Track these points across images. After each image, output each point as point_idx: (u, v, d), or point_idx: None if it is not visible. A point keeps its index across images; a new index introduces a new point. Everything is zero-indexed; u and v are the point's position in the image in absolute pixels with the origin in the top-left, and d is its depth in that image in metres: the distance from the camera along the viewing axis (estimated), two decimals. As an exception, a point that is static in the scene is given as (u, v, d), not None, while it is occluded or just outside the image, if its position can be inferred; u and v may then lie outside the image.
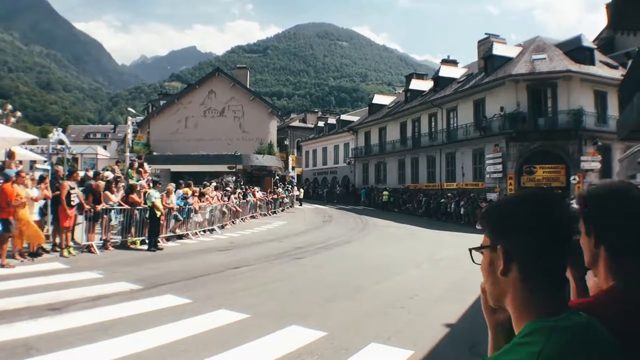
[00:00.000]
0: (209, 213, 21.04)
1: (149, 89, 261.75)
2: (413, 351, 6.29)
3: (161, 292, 9.24)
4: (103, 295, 8.75)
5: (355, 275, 12.09)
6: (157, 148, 41.93)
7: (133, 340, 6.31)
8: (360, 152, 54.83)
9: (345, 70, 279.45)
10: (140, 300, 8.50)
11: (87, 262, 12.34)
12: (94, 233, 14.12)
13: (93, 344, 6.08)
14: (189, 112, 46.77)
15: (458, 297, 9.72)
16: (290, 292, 9.89)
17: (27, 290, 8.93)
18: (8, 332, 6.43)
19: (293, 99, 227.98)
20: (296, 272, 12.53)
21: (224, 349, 6.06)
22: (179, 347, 6.14)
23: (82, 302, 8.20)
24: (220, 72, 50.21)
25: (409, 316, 8.23)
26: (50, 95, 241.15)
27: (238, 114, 46.57)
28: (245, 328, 7.08)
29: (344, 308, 8.66)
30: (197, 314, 7.72)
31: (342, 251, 16.95)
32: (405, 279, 11.95)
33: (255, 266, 12.81)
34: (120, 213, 14.98)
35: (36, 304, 7.94)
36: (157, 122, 47.52)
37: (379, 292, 10.19)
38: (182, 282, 10.27)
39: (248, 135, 45.62)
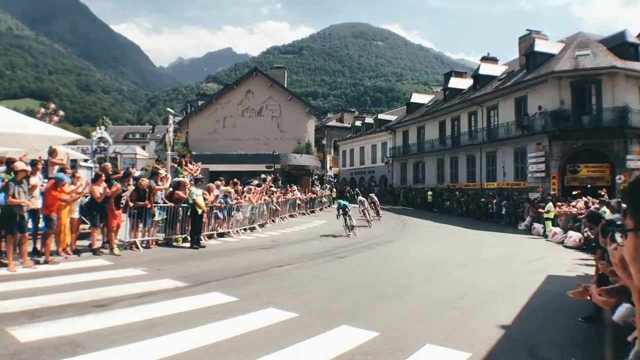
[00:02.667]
0: (250, 211, 21.03)
1: (186, 90, 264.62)
2: (470, 353, 6.09)
3: (207, 289, 9.16)
4: (148, 292, 8.71)
5: (401, 275, 11.89)
6: (196, 148, 42.16)
7: (181, 338, 6.23)
8: (398, 151, 54.42)
9: (381, 70, 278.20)
10: (186, 298, 8.44)
11: (131, 259, 12.36)
12: (137, 230, 14.20)
13: (140, 342, 6.01)
14: (227, 112, 46.96)
15: (509, 297, 9.49)
16: (337, 291, 9.72)
17: (72, 286, 8.94)
18: (54, 328, 6.41)
19: (328, 99, 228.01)
20: (340, 271, 12.38)
21: (275, 349, 5.94)
22: (228, 346, 6.03)
23: (127, 299, 8.17)
24: (258, 72, 50.31)
25: (461, 317, 8.00)
26: (90, 97, 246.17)
27: (276, 113, 46.61)
28: (295, 327, 6.96)
29: (394, 308, 8.48)
30: (245, 312, 7.62)
31: (385, 251, 16.74)
32: (452, 279, 11.69)
33: (298, 265, 12.70)
34: (164, 210, 15.02)
35: (81, 301, 7.93)
36: (196, 122, 47.85)
37: (427, 292, 9.97)
38: (227, 279, 10.19)
39: (286, 135, 45.62)
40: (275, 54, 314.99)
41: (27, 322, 6.66)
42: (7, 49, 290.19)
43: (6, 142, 14.52)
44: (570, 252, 18.18)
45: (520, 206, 29.97)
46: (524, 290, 10.12)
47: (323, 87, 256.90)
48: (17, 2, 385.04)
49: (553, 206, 24.04)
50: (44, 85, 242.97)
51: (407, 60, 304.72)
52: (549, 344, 6.76)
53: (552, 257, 16.44)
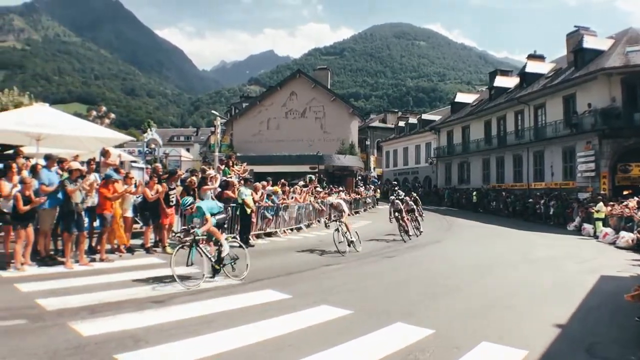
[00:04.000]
0: (296, 211, 21.18)
1: (229, 93, 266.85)
2: (527, 351, 6.05)
3: (260, 287, 9.31)
4: (202, 289, 8.91)
5: (451, 274, 11.83)
6: (240, 149, 42.55)
7: (238, 333, 6.37)
8: (442, 151, 53.91)
9: (423, 70, 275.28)
10: (240, 295, 8.62)
11: (183, 258, 12.55)
12: (189, 229, 14.44)
13: (198, 337, 6.18)
14: (271, 114, 47.31)
15: (563, 297, 9.35)
16: (389, 289, 9.76)
17: (128, 283, 9.26)
18: (115, 323, 6.64)
19: (370, 100, 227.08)
20: (389, 270, 12.42)
21: (331, 345, 6.01)
22: (284, 342, 6.14)
23: (183, 296, 8.41)
24: (302, 73, 50.57)
25: (516, 315, 7.95)
26: (135, 101, 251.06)
27: (319, 114, 46.73)
28: (349, 324, 7.02)
29: (447, 306, 8.46)
30: (299, 309, 7.73)
31: (433, 250, 16.68)
32: (504, 278, 11.59)
33: (347, 264, 12.75)
34: (214, 209, 15.24)
35: (139, 297, 8.20)
36: (240, 124, 48.33)
37: (480, 290, 9.92)
38: (279, 277, 10.32)
39: (329, 136, 45.69)
40: (317, 55, 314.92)
41: (88, 317, 6.93)
42: (55, 55, 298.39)
43: (61, 144, 15.00)
44: (622, 253, 17.76)
45: (569, 206, 29.37)
46: (578, 290, 9.95)
47: (365, 88, 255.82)
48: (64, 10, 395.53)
49: (604, 206, 23.52)
50: (90, 89, 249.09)
51: (450, 59, 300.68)
52: (607, 343, 6.68)
53: (605, 258, 16.10)
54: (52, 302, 7.60)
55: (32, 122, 13.26)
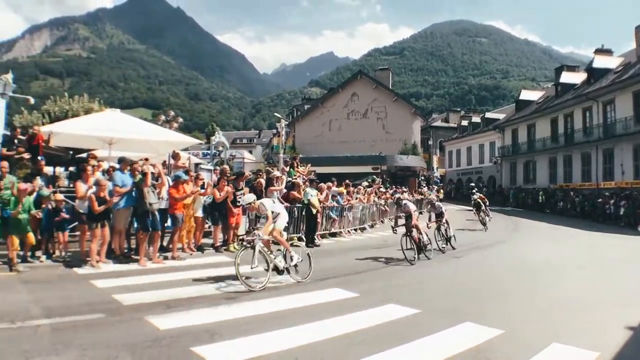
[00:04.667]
0: (360, 212, 21.25)
1: (290, 95, 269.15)
2: (599, 352, 5.91)
3: (327, 285, 9.43)
4: (272, 287, 9.10)
5: (519, 275, 11.67)
6: (303, 150, 42.93)
7: (308, 330, 6.50)
8: (507, 150, 52.87)
9: (485, 68, 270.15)
10: (308, 293, 8.75)
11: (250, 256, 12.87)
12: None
13: (271, 332, 6.33)
14: (333, 115, 47.57)
15: (635, 300, 9.06)
16: (456, 289, 9.71)
17: (201, 280, 9.59)
18: (189, 318, 6.91)
19: (432, 100, 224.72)
20: (456, 270, 12.37)
21: (400, 343, 6.03)
22: (353, 340, 6.20)
23: (253, 293, 8.61)
24: (363, 74, 50.67)
25: (586, 317, 7.75)
26: (198, 105, 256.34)
27: (381, 115, 46.71)
28: (418, 323, 7.04)
29: (516, 306, 8.37)
30: (367, 307, 7.78)
31: (498, 251, 16.45)
32: (573, 279, 11.30)
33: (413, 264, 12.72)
34: (281, 210, 15.52)
35: (212, 293, 8.51)
36: (302, 126, 48.79)
37: (548, 291, 9.70)
38: (346, 276, 10.40)
39: (391, 136, 45.60)
40: (377, 56, 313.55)
41: (163, 311, 7.23)
42: (120, 62, 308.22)
43: (131, 147, 15.56)
44: (701, 255, 17.05)
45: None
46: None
47: (426, 87, 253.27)
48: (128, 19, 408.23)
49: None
50: (155, 95, 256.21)
51: (513, 56, 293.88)
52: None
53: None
54: (128, 297, 7.95)
55: (105, 127, 13.89)
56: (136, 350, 5.57)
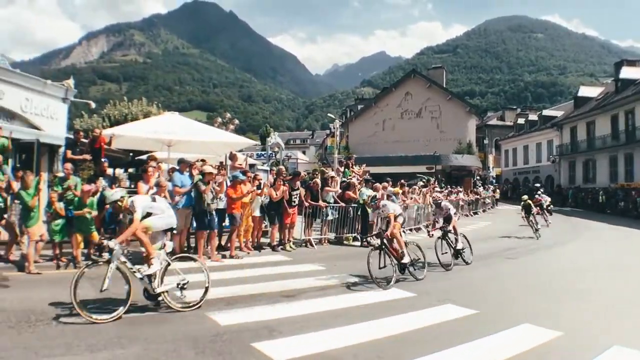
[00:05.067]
0: (415, 212, 21.08)
1: (342, 95, 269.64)
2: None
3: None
4: (329, 285, 9.22)
5: (578, 276, 11.37)
6: (356, 151, 42.86)
7: (364, 329, 6.53)
8: (565, 149, 51.53)
9: (542, 64, 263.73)
10: (365, 292, 8.83)
11: (307, 256, 13.14)
12: (311, 229, 15.00)
13: (329, 329, 6.43)
14: (386, 115, 47.41)
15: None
16: (514, 290, 9.58)
17: (259, 278, 9.76)
18: (249, 314, 7.11)
19: (486, 98, 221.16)
20: (513, 271, 12.21)
21: (458, 343, 6.02)
22: (410, 338, 6.24)
23: (311, 291, 8.76)
24: (416, 73, 50.41)
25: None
26: (252, 107, 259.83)
27: (435, 114, 46.31)
28: (475, 324, 6.99)
29: (576, 308, 8.20)
30: (424, 307, 7.80)
31: (558, 252, 16.07)
32: (635, 281, 10.92)
33: (470, 265, 12.55)
34: (336, 210, 15.54)
35: (270, 291, 8.66)
36: (355, 126, 48.80)
37: (609, 293, 9.46)
38: (402, 276, 10.33)
39: (446, 135, 45.15)
40: (429, 54, 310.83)
41: (224, 308, 7.48)
42: (175, 66, 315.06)
43: (189, 149, 15.86)
44: None
45: None
46: None
47: (480, 85, 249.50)
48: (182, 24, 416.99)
49: None
50: (209, 98, 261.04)
51: (570, 51, 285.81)
52: None
53: None
54: (189, 294, 8.08)
55: (164, 129, 14.21)
56: (198, 344, 5.77)
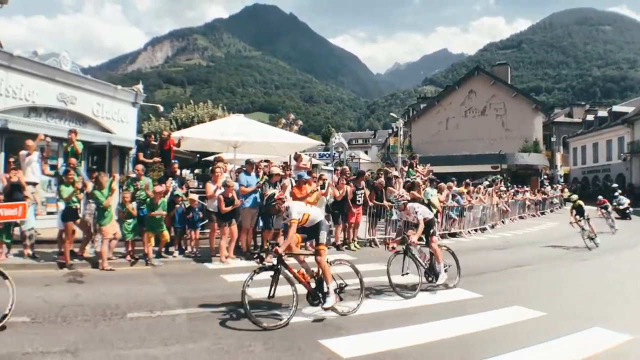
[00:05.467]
0: (481, 212, 20.78)
1: (404, 94, 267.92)
2: None
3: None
4: (399, 285, 9.09)
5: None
6: (419, 150, 42.60)
7: (432, 328, 6.59)
8: (637, 146, 49.42)
9: (610, 57, 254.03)
10: (432, 293, 8.83)
11: (371, 255, 13.13)
12: (375, 228, 15.04)
13: (393, 328, 6.51)
14: (449, 114, 46.93)
15: None
16: (583, 293, 9.33)
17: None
18: (317, 312, 7.24)
19: (553, 94, 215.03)
20: (583, 273, 11.86)
21: (524, 345, 5.97)
22: (477, 339, 6.23)
23: (376, 290, 8.85)
24: (480, 70, 49.74)
25: None
26: (313, 107, 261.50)
27: (500, 112, 45.50)
28: (543, 326, 6.88)
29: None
30: (491, 308, 7.72)
31: (629, 255, 15.31)
32: None
33: (536, 266, 12.36)
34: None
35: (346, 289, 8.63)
36: (418, 125, 48.48)
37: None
38: (468, 277, 10.16)
39: (511, 134, 44.27)
40: (493, 50, 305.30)
41: None
42: (238, 69, 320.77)
43: (254, 150, 16.16)
44: None
45: None
46: None
47: (546, 81, 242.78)
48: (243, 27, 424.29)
49: None
50: (271, 99, 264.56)
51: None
52: None
53: None
54: (258, 291, 8.26)
55: (231, 131, 14.52)
56: (268, 340, 5.95)
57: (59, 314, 6.92)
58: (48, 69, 15.10)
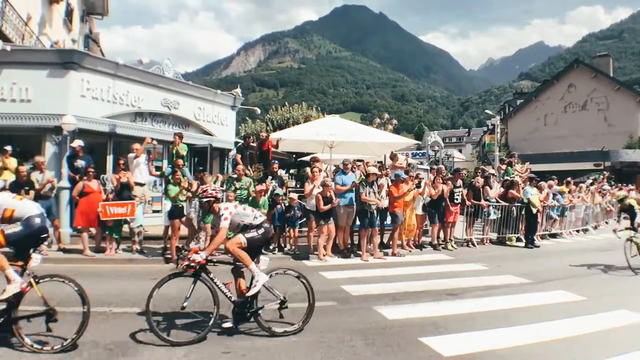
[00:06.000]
0: (583, 212, 19.99)
1: (498, 90, 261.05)
2: None
3: (551, 287, 9.08)
4: (493, 285, 9.09)
5: None
6: (516, 148, 41.42)
7: (533, 329, 6.38)
8: None
9: None
10: (531, 294, 8.56)
11: (469, 255, 12.98)
12: (472, 228, 14.81)
13: (494, 329, 6.39)
14: (548, 109, 45.39)
15: None
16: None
17: (422, 276, 9.96)
18: (414, 310, 7.29)
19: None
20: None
21: (633, 349, 5.73)
22: (583, 342, 6.02)
23: (475, 290, 8.69)
24: (580, 63, 47.82)
25: None
26: (405, 106, 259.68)
27: (602, 106, 43.48)
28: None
29: None
30: (594, 311, 7.40)
31: None
32: None
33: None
34: (498, 209, 15.16)
35: (434, 289, 8.74)
36: (515, 122, 47.22)
37: None
38: (570, 279, 9.91)
39: (614, 129, 42.16)
40: (592, 41, 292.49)
41: (390, 303, 7.72)
42: (329, 70, 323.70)
43: (349, 150, 16.33)
44: None
45: None
46: None
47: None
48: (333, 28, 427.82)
49: None
50: (363, 99, 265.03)
51: None
52: None
53: None
54: (356, 288, 8.57)
55: (327, 131, 14.78)
56: (367, 336, 6.03)
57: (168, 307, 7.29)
58: (152, 76, 15.82)
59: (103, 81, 14.28)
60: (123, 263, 11.08)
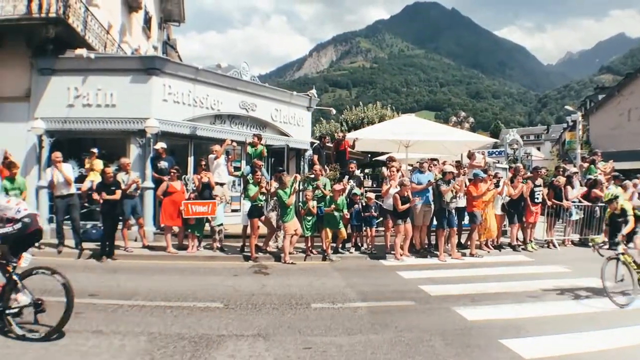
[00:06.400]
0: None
1: (578, 85, 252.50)
2: None
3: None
4: (576, 288, 8.80)
5: None
6: (598, 145, 39.85)
7: (617, 335, 6.22)
8: None
9: None
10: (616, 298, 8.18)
11: (549, 257, 12.62)
12: (553, 229, 14.35)
13: (576, 332, 6.23)
14: (632, 104, 43.41)
15: None
16: None
17: (501, 277, 9.82)
18: (495, 312, 7.25)
19: None
20: None
21: None
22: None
23: (557, 293, 8.49)
24: (666, 55, 45.44)
25: None
26: (480, 104, 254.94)
27: (693, 98, 41.36)
28: None
29: None
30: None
31: None
32: None
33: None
34: (581, 209, 14.67)
35: (514, 291, 8.60)
36: (596, 118, 45.51)
37: None
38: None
39: None
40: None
41: (469, 304, 7.66)
42: (401, 68, 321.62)
43: (425, 149, 16.24)
44: None
45: None
46: None
47: None
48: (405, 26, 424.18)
49: None
50: (436, 97, 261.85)
51: None
52: None
53: None
54: (434, 288, 8.57)
55: (403, 131, 14.76)
56: (447, 336, 6.04)
57: (249, 302, 7.52)
58: (230, 80, 16.21)
59: (184, 85, 14.79)
60: (204, 260, 11.44)
